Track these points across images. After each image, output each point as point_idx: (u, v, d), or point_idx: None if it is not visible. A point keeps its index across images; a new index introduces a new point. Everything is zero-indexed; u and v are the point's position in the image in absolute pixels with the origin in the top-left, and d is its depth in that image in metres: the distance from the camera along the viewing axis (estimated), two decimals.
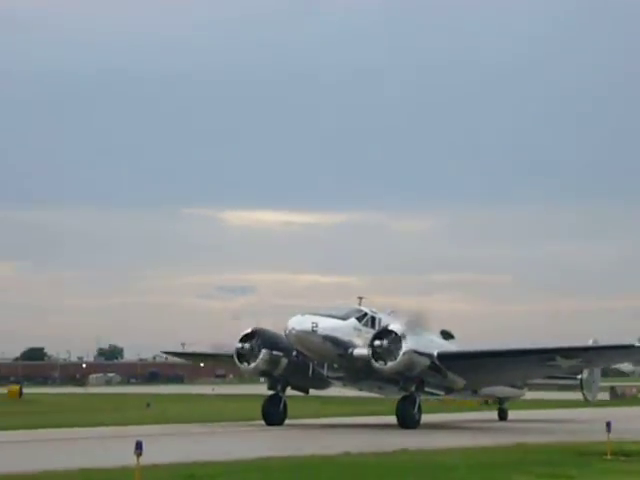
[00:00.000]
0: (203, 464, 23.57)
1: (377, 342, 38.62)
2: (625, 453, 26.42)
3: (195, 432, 37.49)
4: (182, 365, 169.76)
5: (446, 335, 44.09)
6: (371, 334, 39.41)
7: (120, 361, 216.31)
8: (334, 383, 42.55)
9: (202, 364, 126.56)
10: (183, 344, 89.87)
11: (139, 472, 19.05)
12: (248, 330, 41.32)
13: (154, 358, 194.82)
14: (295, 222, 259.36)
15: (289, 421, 42.00)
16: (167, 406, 44.76)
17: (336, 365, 39.54)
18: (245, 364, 41.33)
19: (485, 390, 46.52)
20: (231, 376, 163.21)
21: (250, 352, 41.05)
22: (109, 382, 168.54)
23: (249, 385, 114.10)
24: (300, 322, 38.27)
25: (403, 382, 39.52)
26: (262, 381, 47.60)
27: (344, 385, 42.65)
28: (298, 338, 38.43)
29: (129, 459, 20.36)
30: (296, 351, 40.22)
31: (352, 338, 39.34)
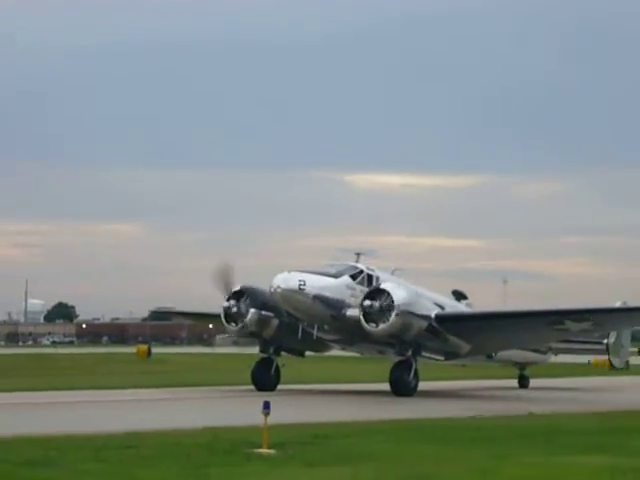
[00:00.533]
0: (328, 424, 23.59)
1: (367, 302, 35.16)
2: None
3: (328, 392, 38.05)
4: None
5: (458, 295, 41.66)
6: None
7: None
8: (332, 345, 39.78)
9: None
10: None
11: (267, 431, 19.09)
12: (237, 287, 38.24)
13: None
14: (418, 185, 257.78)
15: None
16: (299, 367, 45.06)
17: (327, 327, 36.50)
18: (232, 324, 38.23)
19: (502, 355, 42.67)
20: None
21: (238, 311, 37.88)
22: (236, 343, 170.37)
23: None
24: (286, 280, 35.26)
25: (399, 346, 36.25)
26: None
27: (342, 348, 39.95)
28: (284, 297, 35.47)
29: (257, 418, 20.45)
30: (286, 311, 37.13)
31: (345, 298, 36.11)
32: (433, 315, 36.21)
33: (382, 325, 34.90)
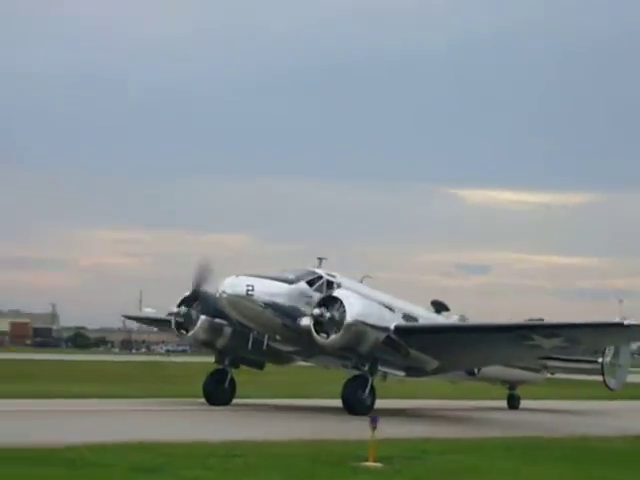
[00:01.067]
0: (432, 440, 23.55)
1: (317, 310, 32.09)
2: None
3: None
4: None
5: (438, 306, 37.76)
6: None
7: None
8: (292, 357, 36.43)
9: None
10: None
11: (373, 445, 18.98)
12: (188, 292, 35.05)
13: None
14: (533, 202, 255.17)
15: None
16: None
17: (279, 337, 33.32)
18: (183, 332, 35.13)
19: (485, 372, 39.25)
20: None
21: (189, 318, 34.75)
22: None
23: None
24: (233, 284, 32.19)
25: (354, 359, 33.11)
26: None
27: (303, 360, 36.66)
28: (230, 303, 32.30)
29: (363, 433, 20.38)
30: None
31: (300, 305, 32.82)
32: (392, 327, 32.99)
33: (333, 336, 31.91)
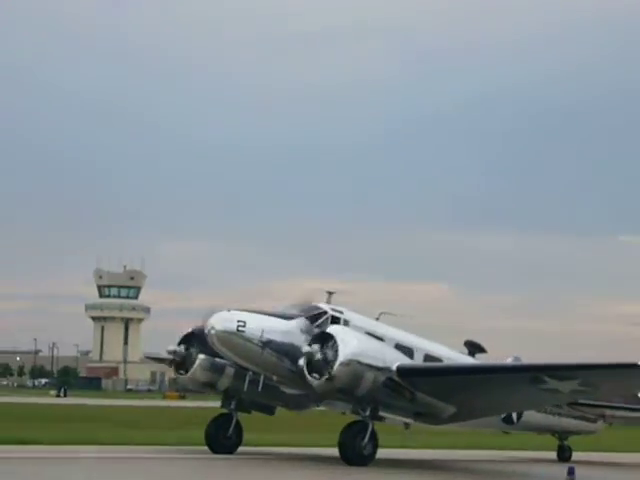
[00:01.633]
0: None
1: (307, 348, 28.93)
2: None
3: None
4: None
5: (473, 347, 34.15)
6: None
7: None
8: (306, 402, 32.89)
9: None
10: None
11: None
12: (188, 330, 32.05)
13: None
14: None
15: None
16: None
17: (276, 377, 30.34)
18: (182, 372, 32.15)
19: (529, 421, 35.71)
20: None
21: (189, 358, 31.86)
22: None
23: None
24: (223, 320, 29.30)
25: (354, 403, 30.06)
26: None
27: (314, 404, 33.02)
28: (220, 340, 29.36)
29: None
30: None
31: (299, 343, 29.54)
32: (394, 367, 29.60)
33: (326, 377, 28.61)
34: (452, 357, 32.94)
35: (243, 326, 29.21)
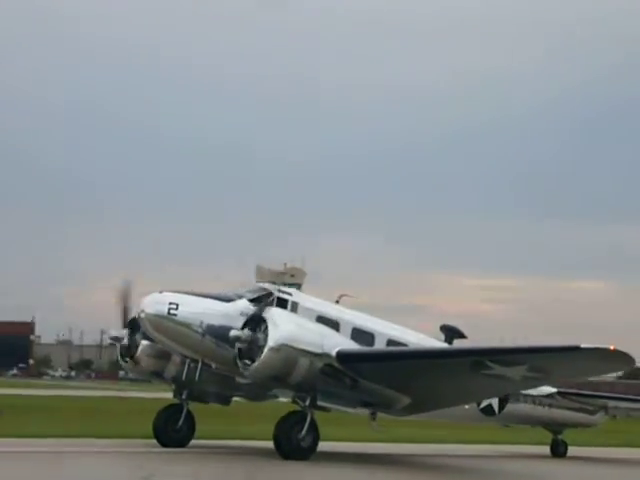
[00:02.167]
0: None
1: (235, 332, 26.37)
2: None
3: None
4: None
5: (450, 332, 31.76)
6: None
7: None
8: (264, 392, 30.28)
9: None
10: None
11: None
12: (133, 315, 29.05)
13: None
14: None
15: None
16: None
17: (214, 364, 27.71)
18: (127, 360, 29.81)
19: (513, 412, 33.28)
20: None
21: (133, 344, 29.46)
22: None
23: None
24: (154, 302, 26.75)
25: (294, 392, 27.53)
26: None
27: (272, 395, 30.59)
28: (150, 324, 26.93)
29: None
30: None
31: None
32: (334, 352, 26.83)
33: (256, 363, 26.15)
34: (422, 343, 30.26)
35: (175, 309, 26.75)
